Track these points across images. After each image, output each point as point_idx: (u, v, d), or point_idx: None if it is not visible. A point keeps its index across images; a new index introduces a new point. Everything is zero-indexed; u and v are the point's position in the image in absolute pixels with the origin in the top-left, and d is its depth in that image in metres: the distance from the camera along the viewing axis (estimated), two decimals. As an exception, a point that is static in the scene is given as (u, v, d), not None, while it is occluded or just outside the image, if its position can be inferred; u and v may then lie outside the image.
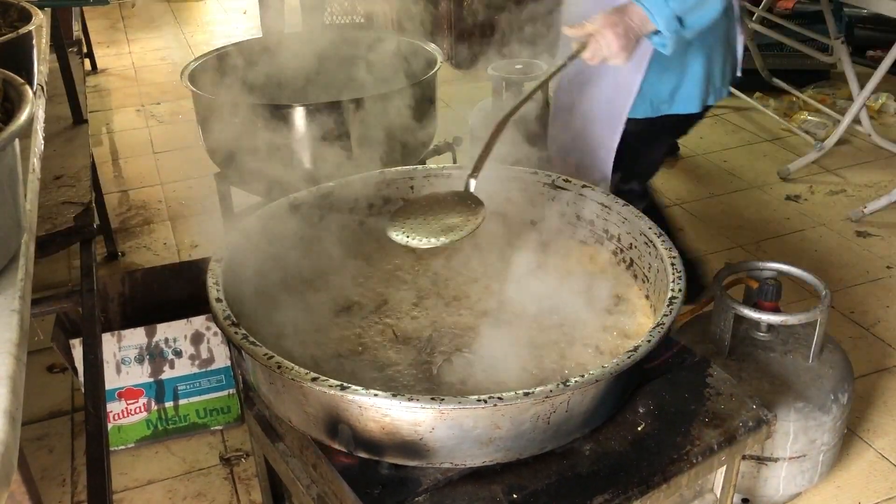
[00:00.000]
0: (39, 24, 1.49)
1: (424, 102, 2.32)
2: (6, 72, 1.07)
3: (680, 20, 1.60)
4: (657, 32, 1.61)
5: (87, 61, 4.72)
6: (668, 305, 1.29)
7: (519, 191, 1.69)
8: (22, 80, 1.04)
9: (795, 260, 2.75)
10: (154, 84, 4.72)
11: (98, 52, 5.11)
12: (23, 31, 1.40)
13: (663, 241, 1.45)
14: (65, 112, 2.60)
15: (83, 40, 4.55)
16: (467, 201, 1.45)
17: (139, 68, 5.05)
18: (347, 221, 1.73)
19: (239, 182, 2.46)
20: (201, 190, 3.32)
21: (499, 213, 1.70)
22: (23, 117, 0.91)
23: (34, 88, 1.50)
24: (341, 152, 2.22)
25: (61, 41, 2.65)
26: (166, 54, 5.27)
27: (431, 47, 2.52)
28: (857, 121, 3.54)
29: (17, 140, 0.92)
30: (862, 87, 3.43)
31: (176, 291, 2.38)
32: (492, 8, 4.56)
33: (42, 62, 1.63)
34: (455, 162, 2.51)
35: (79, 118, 2.60)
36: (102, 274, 2.71)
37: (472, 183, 1.46)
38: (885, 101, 3.85)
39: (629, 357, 1.17)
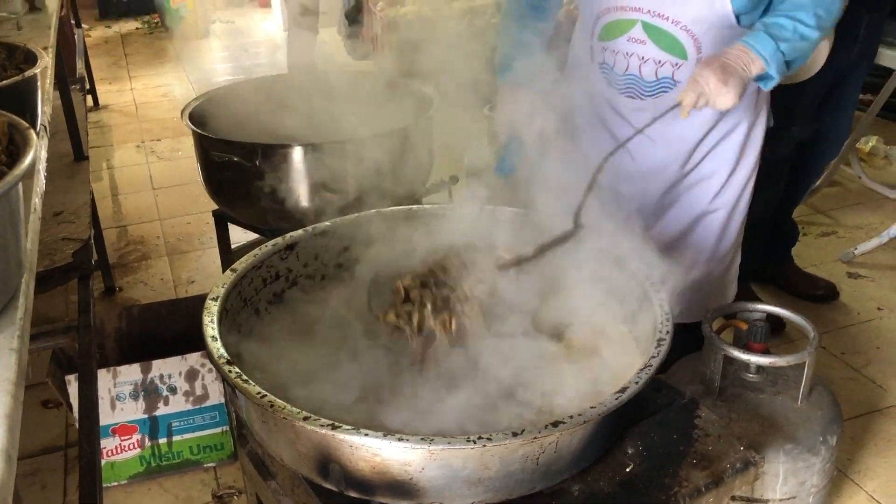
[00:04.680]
0: (45, 66, 1.53)
1: (421, 142, 2.36)
2: (12, 116, 1.10)
3: (788, 64, 1.64)
4: (762, 75, 1.63)
5: (89, 97, 4.78)
6: (656, 347, 1.31)
7: (508, 232, 1.70)
8: (27, 125, 1.07)
9: (788, 300, 2.78)
10: (155, 120, 4.78)
11: (100, 89, 5.18)
12: (28, 73, 1.44)
13: (652, 282, 1.47)
14: (66, 148, 2.64)
15: (86, 77, 4.62)
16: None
17: (140, 104, 5.12)
18: (343, 260, 1.76)
19: (237, 220, 2.49)
20: (199, 226, 3.36)
21: (487, 254, 1.71)
22: (27, 162, 0.94)
23: (38, 129, 1.54)
24: (338, 192, 2.26)
25: (65, 79, 2.70)
26: (168, 91, 5.34)
27: (427, 89, 2.57)
28: (847, 163, 3.59)
29: (20, 183, 0.95)
30: (852, 129, 3.49)
31: (172, 327, 2.40)
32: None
33: (46, 102, 1.67)
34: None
35: (80, 155, 2.63)
36: (100, 309, 2.72)
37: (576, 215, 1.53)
38: (874, 143, 3.91)
39: (616, 399, 1.19)
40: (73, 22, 4.69)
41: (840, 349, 2.58)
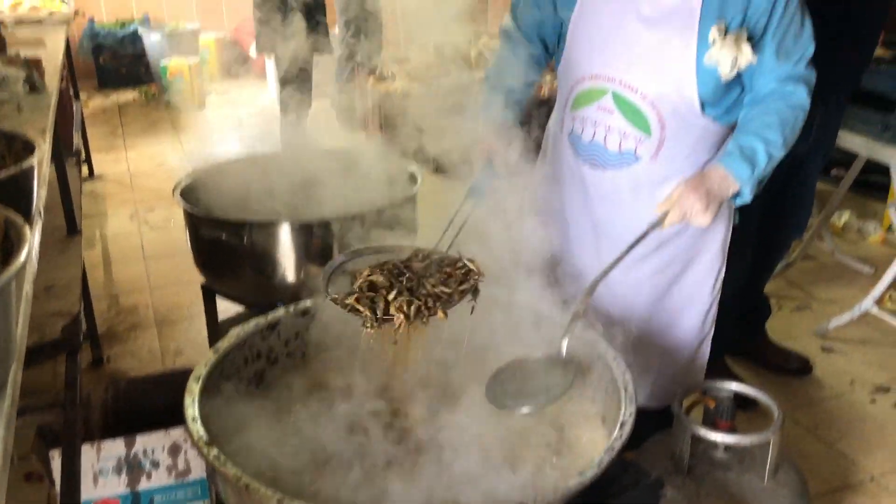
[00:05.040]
0: (41, 157, 1.61)
1: (405, 218, 2.45)
2: (8, 212, 1.16)
3: (760, 181, 1.78)
4: (737, 193, 1.77)
5: (84, 166, 4.87)
6: (618, 429, 1.37)
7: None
8: (22, 221, 1.13)
9: (763, 374, 2.84)
10: (149, 190, 4.87)
11: (96, 158, 5.27)
12: (25, 165, 1.51)
13: (618, 363, 1.54)
14: (59, 222, 2.68)
15: (82, 149, 4.71)
16: (561, 363, 1.54)
17: (135, 174, 5.21)
18: (323, 339, 1.81)
19: (224, 293, 2.56)
20: (188, 296, 3.40)
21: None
22: (20, 260, 0.99)
23: (32, 214, 1.61)
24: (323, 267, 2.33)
25: (60, 154, 2.77)
26: (162, 161, 5.44)
27: (413, 167, 2.67)
28: (820, 237, 3.69)
29: (13, 281, 1.01)
30: (825, 204, 3.60)
31: (158, 401, 2.43)
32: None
33: (42, 186, 1.74)
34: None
35: (73, 229, 2.67)
36: (87, 381, 2.75)
37: (565, 344, 1.56)
38: (847, 218, 4.01)
39: (578, 481, 1.24)
40: (71, 94, 4.81)
41: (813, 423, 2.63)
